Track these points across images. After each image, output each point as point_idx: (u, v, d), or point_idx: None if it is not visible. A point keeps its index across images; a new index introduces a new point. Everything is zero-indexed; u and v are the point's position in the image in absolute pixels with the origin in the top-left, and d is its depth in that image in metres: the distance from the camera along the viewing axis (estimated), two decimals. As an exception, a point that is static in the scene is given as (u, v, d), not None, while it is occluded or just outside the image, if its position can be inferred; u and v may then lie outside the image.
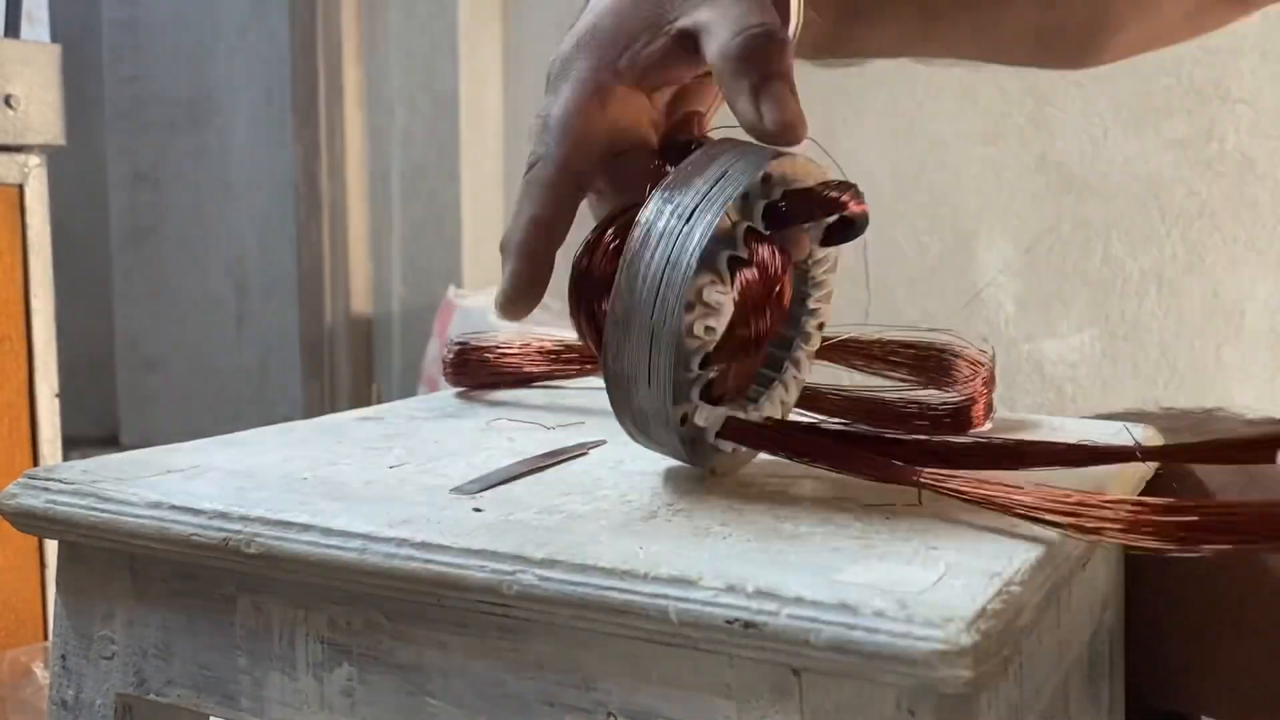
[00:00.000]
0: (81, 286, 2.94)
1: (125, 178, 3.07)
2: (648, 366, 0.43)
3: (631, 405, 0.45)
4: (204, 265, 3.01)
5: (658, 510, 0.44)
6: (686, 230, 0.43)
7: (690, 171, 0.44)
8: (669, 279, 0.43)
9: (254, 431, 0.60)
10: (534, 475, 0.50)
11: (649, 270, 0.43)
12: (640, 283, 0.43)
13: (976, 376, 0.58)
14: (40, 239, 1.24)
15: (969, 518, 0.44)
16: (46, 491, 0.48)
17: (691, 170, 0.45)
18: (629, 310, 0.43)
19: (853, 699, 0.36)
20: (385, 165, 2.65)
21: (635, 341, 0.43)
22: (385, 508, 0.44)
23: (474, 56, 2.58)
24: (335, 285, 2.69)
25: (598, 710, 0.40)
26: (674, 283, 0.42)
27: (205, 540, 0.44)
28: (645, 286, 0.43)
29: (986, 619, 0.34)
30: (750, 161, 0.44)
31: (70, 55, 1.34)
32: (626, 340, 0.43)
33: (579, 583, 0.38)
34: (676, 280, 0.42)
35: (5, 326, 1.22)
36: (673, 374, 0.43)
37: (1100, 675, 0.57)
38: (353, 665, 0.44)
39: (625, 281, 0.43)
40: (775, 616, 0.35)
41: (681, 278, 0.42)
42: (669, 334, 0.43)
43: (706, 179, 0.44)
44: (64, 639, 0.50)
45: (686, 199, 0.43)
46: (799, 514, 0.44)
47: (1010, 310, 2.09)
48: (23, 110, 1.21)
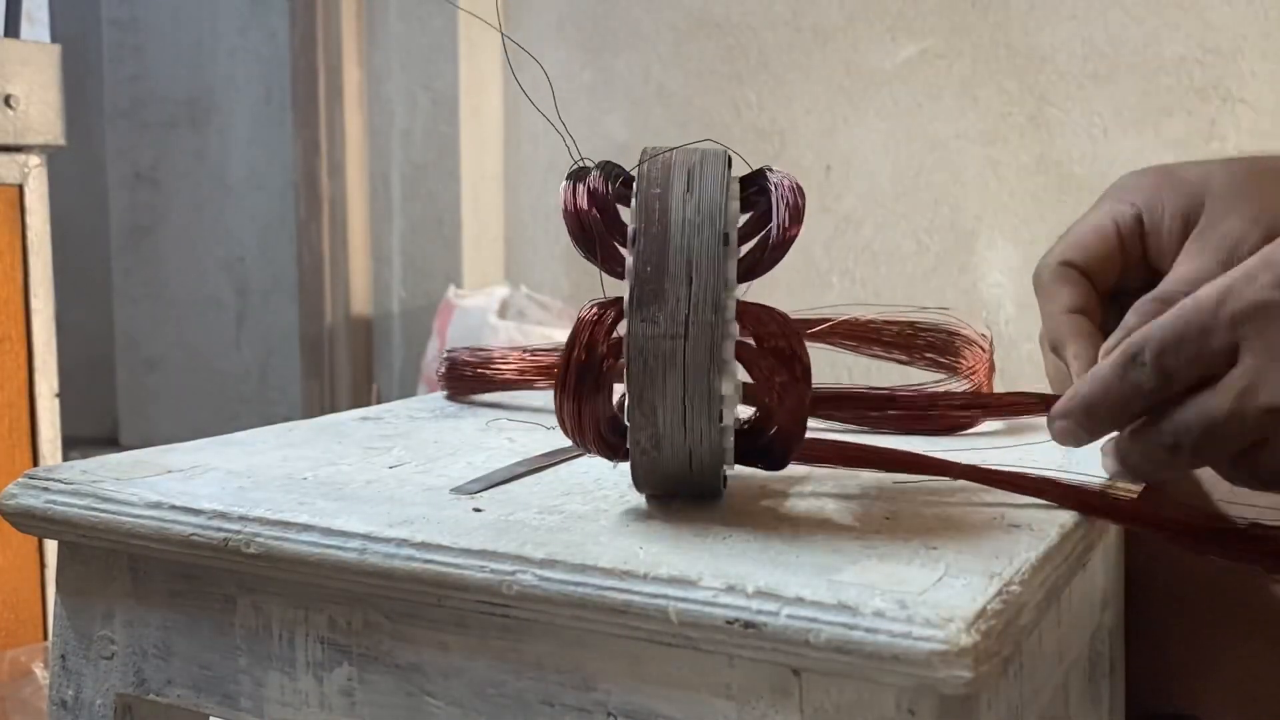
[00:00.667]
0: (81, 286, 2.95)
1: (125, 177, 3.07)
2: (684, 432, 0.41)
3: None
4: (204, 265, 3.01)
5: (657, 510, 0.44)
6: (690, 348, 0.40)
7: (655, 269, 0.40)
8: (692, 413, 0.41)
9: (254, 431, 0.60)
10: (534, 475, 0.50)
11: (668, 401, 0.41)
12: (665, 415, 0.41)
13: (977, 358, 0.58)
14: (40, 239, 1.24)
15: (969, 518, 0.44)
16: (46, 491, 0.48)
17: (656, 265, 0.40)
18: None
19: (853, 699, 0.36)
20: (385, 165, 2.65)
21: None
22: (385, 508, 0.44)
23: (474, 56, 2.58)
24: (335, 285, 2.69)
25: (598, 710, 0.40)
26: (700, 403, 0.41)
27: (205, 540, 0.44)
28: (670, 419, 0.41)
29: (986, 619, 0.34)
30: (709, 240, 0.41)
31: (70, 55, 1.34)
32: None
33: (579, 583, 0.38)
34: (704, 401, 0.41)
35: (5, 326, 1.22)
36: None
37: (1100, 675, 0.57)
38: (353, 665, 0.44)
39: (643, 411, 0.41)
40: (775, 616, 0.35)
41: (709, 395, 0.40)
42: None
43: (675, 277, 0.40)
44: (64, 639, 0.50)
45: (669, 309, 0.40)
46: (799, 514, 0.44)
47: (1010, 310, 2.09)
48: (23, 110, 1.21)
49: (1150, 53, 2.04)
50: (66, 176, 2.58)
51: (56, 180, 1.35)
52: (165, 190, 3.04)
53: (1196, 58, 2.01)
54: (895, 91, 2.25)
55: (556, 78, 2.59)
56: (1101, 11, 2.06)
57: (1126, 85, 2.05)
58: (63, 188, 1.83)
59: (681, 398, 0.40)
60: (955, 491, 0.47)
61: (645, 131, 2.50)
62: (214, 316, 3.00)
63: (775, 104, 2.32)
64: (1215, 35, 2.01)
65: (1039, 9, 2.11)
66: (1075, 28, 2.09)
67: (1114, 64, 2.07)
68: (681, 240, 0.40)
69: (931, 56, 2.22)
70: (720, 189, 0.42)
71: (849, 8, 2.28)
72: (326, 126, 2.65)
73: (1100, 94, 2.07)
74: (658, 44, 2.46)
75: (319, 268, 2.68)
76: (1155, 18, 2.04)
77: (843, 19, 2.29)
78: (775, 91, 2.33)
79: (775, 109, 2.32)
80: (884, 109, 2.26)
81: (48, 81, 1.24)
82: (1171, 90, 2.03)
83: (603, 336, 0.42)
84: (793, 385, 0.42)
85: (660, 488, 0.44)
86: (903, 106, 2.24)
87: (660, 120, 2.48)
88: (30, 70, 1.22)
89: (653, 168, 0.42)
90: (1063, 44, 2.10)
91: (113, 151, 3.07)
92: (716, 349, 0.40)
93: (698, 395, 0.40)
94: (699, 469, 0.42)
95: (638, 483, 0.44)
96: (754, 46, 2.35)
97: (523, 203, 2.65)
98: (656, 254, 0.40)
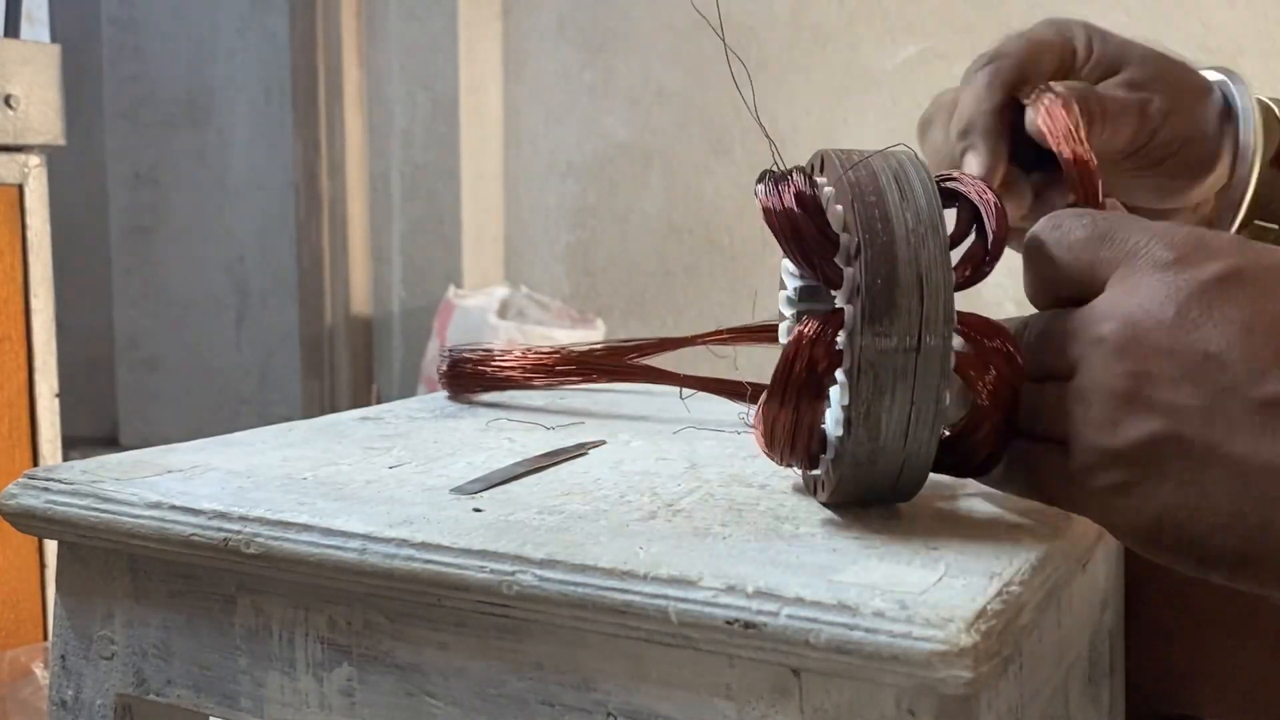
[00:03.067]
0: (81, 286, 2.95)
1: (125, 177, 3.07)
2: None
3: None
4: (204, 265, 3.01)
5: (658, 510, 0.44)
6: (923, 362, 0.39)
7: (886, 281, 0.39)
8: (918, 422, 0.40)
9: (254, 431, 0.60)
10: (534, 475, 0.50)
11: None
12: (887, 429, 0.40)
13: None
14: (40, 239, 1.24)
15: (969, 518, 0.44)
16: (46, 491, 0.48)
17: (886, 278, 0.39)
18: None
19: (853, 699, 0.36)
20: (385, 165, 2.65)
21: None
22: (385, 508, 0.44)
23: (474, 56, 2.58)
24: (335, 285, 2.69)
25: (597, 710, 0.40)
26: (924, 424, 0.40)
27: (205, 540, 0.44)
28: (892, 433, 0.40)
29: (986, 619, 0.34)
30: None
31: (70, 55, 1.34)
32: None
33: (578, 583, 0.38)
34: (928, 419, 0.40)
35: (5, 326, 1.22)
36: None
37: (1100, 675, 0.57)
38: (353, 665, 0.44)
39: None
40: (775, 617, 0.35)
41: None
42: None
43: (906, 290, 0.39)
44: (64, 639, 0.50)
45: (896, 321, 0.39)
46: (799, 514, 0.44)
47: (1010, 310, 2.09)
48: (23, 110, 1.21)
49: (1150, 53, 2.04)
50: (66, 176, 2.58)
51: (56, 180, 1.35)
52: (165, 190, 3.04)
53: (1196, 57, 2.01)
54: (895, 91, 2.25)
55: (556, 78, 2.59)
56: (1102, 12, 2.06)
57: (1126, 85, 2.05)
58: (63, 188, 1.83)
59: (909, 412, 0.40)
60: (956, 492, 0.47)
61: (645, 131, 2.50)
62: (214, 316, 3.00)
63: (775, 104, 2.32)
64: (1215, 35, 2.01)
65: (1039, 9, 2.11)
66: (1075, 28, 2.08)
67: (1114, 64, 2.06)
68: (909, 252, 0.39)
69: (931, 56, 2.22)
70: (932, 196, 0.41)
71: (849, 8, 2.28)
72: (326, 126, 2.65)
73: (1100, 94, 2.07)
74: (658, 44, 2.46)
75: (319, 268, 2.68)
76: (1155, 17, 2.04)
77: (843, 19, 2.29)
78: (775, 91, 2.33)
79: (775, 109, 2.32)
80: (884, 109, 2.26)
81: (48, 81, 1.24)
82: (1171, 90, 2.02)
83: (824, 353, 0.41)
84: (1005, 383, 0.41)
85: (854, 498, 0.43)
86: (903, 106, 2.24)
87: (660, 120, 2.48)
88: (30, 70, 1.22)
89: (859, 174, 0.41)
90: (1063, 44, 2.09)
91: (113, 151, 3.07)
92: (946, 361, 0.40)
93: (925, 408, 0.40)
94: (904, 481, 0.42)
95: (833, 494, 0.43)
96: (754, 46, 2.35)
97: (523, 203, 2.65)
98: (886, 266, 0.39)
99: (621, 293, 2.56)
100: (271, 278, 2.91)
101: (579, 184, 2.58)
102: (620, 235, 2.55)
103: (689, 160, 2.46)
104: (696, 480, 0.49)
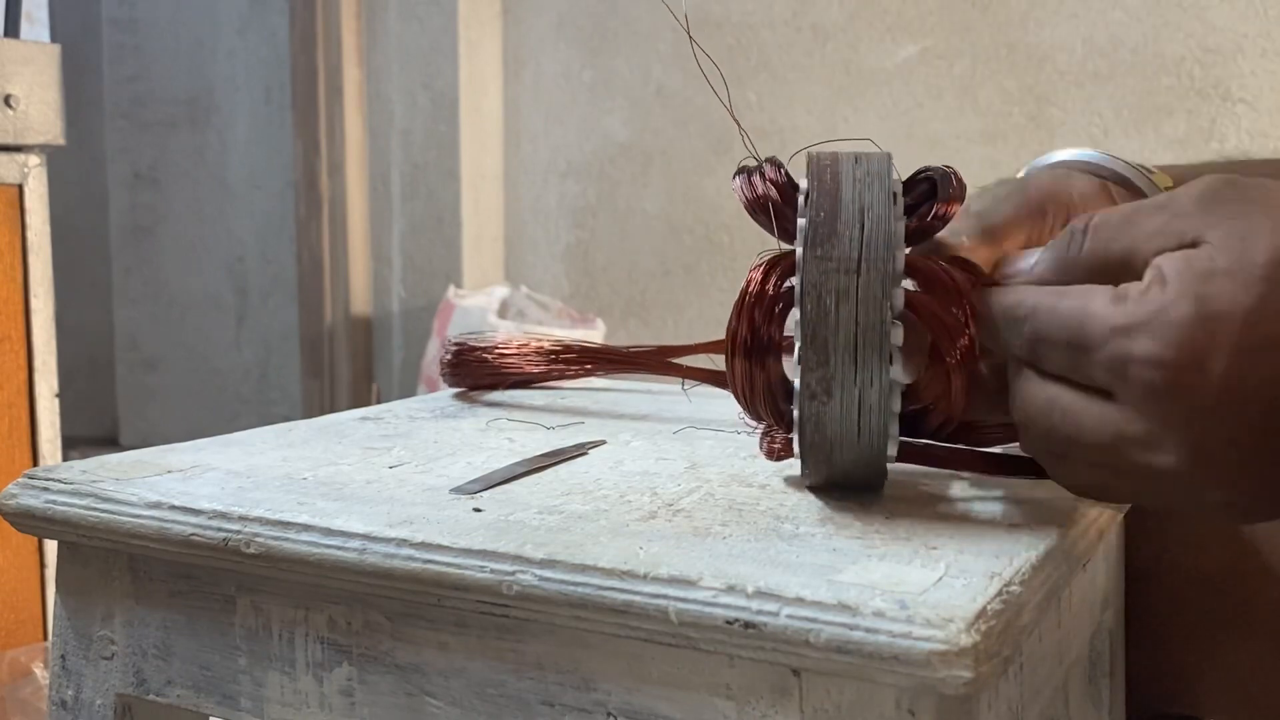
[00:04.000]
0: (81, 286, 2.95)
1: (125, 177, 3.07)
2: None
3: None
4: (204, 265, 3.01)
5: (658, 510, 0.44)
6: (863, 283, 0.41)
7: (829, 214, 0.42)
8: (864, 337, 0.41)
9: (254, 431, 0.60)
10: (534, 475, 0.50)
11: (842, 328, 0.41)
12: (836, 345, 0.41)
13: None
14: (40, 239, 1.24)
15: (969, 518, 0.44)
16: (46, 491, 0.48)
17: (829, 211, 0.42)
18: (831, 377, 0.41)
19: (853, 699, 0.36)
20: (385, 165, 2.65)
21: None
22: (385, 508, 0.44)
23: (474, 56, 2.58)
24: (335, 285, 2.69)
25: (597, 710, 0.40)
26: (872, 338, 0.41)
27: (205, 540, 0.44)
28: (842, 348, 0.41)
29: (986, 619, 0.34)
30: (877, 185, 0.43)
31: (70, 55, 1.34)
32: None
33: (579, 583, 0.38)
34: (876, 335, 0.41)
35: (5, 326, 1.22)
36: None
37: (1100, 675, 0.57)
38: (353, 665, 0.44)
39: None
40: (775, 617, 0.35)
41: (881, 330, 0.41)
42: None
43: (847, 221, 0.42)
44: (64, 639, 0.50)
45: (843, 250, 0.41)
46: (799, 514, 0.44)
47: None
48: (23, 110, 1.21)
49: (1150, 52, 2.04)
50: (66, 176, 2.58)
51: (56, 180, 1.35)
52: (165, 190, 3.04)
53: (1196, 58, 2.01)
54: (895, 91, 2.25)
55: (556, 77, 2.59)
56: (1102, 11, 2.06)
57: (1126, 85, 2.05)
58: (63, 188, 1.83)
59: (854, 333, 0.41)
60: (956, 492, 0.47)
61: (645, 131, 2.50)
62: (214, 316, 3.00)
63: (775, 104, 2.32)
64: (1215, 35, 2.01)
65: (1039, 8, 2.11)
66: (1075, 27, 2.09)
67: (1114, 64, 2.07)
68: (853, 193, 0.42)
69: (931, 56, 2.22)
70: (885, 165, 0.43)
71: (849, 8, 2.28)
72: (326, 126, 2.65)
73: (1100, 94, 2.07)
74: (658, 44, 2.46)
75: (319, 268, 2.68)
76: (1155, 17, 2.04)
77: (843, 19, 2.29)
78: (775, 91, 2.33)
79: (775, 109, 2.32)
80: (884, 109, 2.26)
81: (48, 81, 1.24)
82: (1171, 90, 2.03)
83: (774, 287, 0.43)
84: (961, 328, 0.42)
85: (825, 455, 0.43)
86: (902, 106, 2.24)
87: (660, 120, 2.48)
88: (30, 70, 1.22)
89: (823, 155, 0.44)
90: (1063, 43, 2.10)
91: (113, 151, 3.07)
92: (888, 284, 0.41)
93: (870, 330, 0.41)
94: (867, 429, 0.42)
95: (803, 446, 0.43)
96: (754, 46, 2.35)
97: (523, 203, 2.65)
98: (829, 202, 0.42)
99: (621, 293, 2.56)
100: (271, 277, 2.91)
101: (579, 184, 2.58)
102: (620, 235, 2.55)
103: (689, 160, 2.46)
104: (696, 480, 0.49)
